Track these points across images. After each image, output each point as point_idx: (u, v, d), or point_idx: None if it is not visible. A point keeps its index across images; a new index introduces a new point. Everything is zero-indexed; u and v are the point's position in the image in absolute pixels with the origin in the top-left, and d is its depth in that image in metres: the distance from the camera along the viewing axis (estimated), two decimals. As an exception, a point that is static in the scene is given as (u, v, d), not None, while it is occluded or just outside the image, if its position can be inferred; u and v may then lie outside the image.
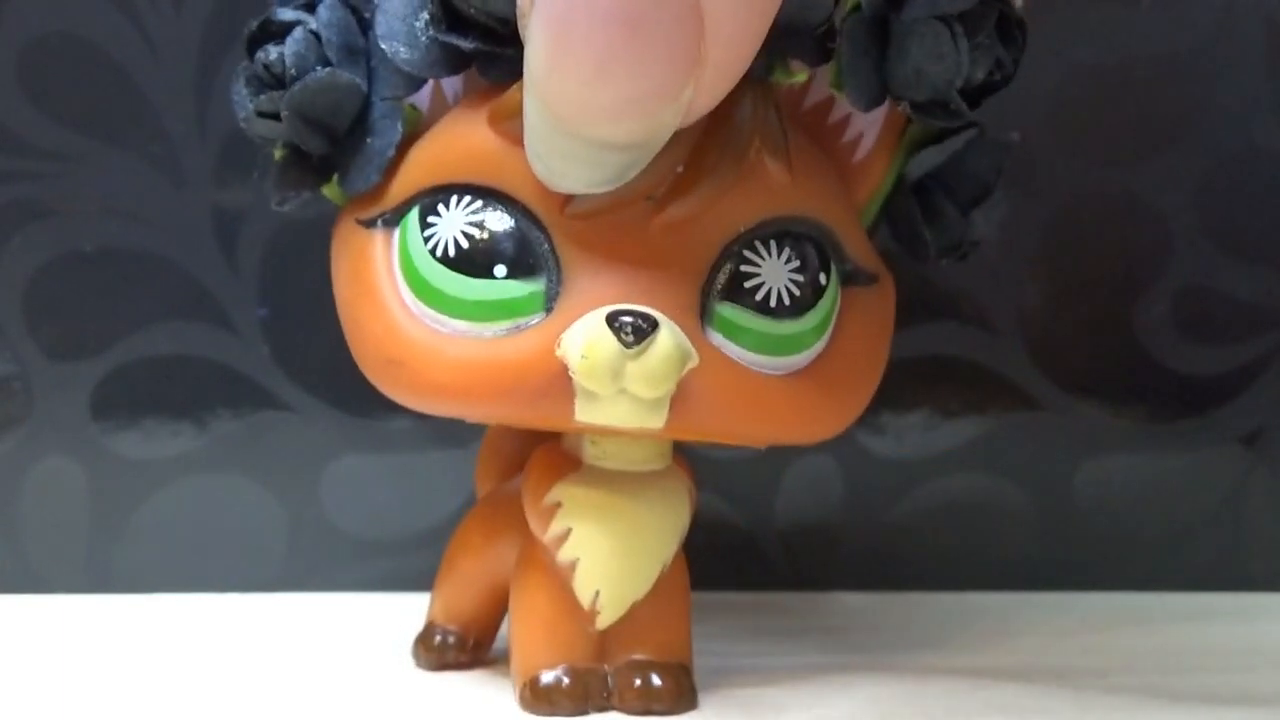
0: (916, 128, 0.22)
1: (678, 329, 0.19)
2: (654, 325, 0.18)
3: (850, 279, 0.21)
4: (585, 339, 0.18)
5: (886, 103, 0.20)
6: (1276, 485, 0.32)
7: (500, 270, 0.19)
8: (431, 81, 0.21)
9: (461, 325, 0.19)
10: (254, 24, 0.20)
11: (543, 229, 0.19)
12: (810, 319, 0.20)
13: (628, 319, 0.18)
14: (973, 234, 0.22)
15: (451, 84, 0.21)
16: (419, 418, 0.31)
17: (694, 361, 0.19)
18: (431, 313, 0.20)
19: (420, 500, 0.31)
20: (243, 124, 0.21)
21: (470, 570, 0.24)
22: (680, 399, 0.19)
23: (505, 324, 0.19)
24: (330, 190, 0.21)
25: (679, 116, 0.17)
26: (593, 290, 0.19)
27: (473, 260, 0.19)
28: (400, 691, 0.23)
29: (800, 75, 0.20)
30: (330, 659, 0.25)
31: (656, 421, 0.19)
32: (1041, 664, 0.25)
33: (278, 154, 0.21)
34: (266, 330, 0.30)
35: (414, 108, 0.21)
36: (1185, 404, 0.32)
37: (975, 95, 0.20)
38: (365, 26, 0.20)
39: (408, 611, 0.29)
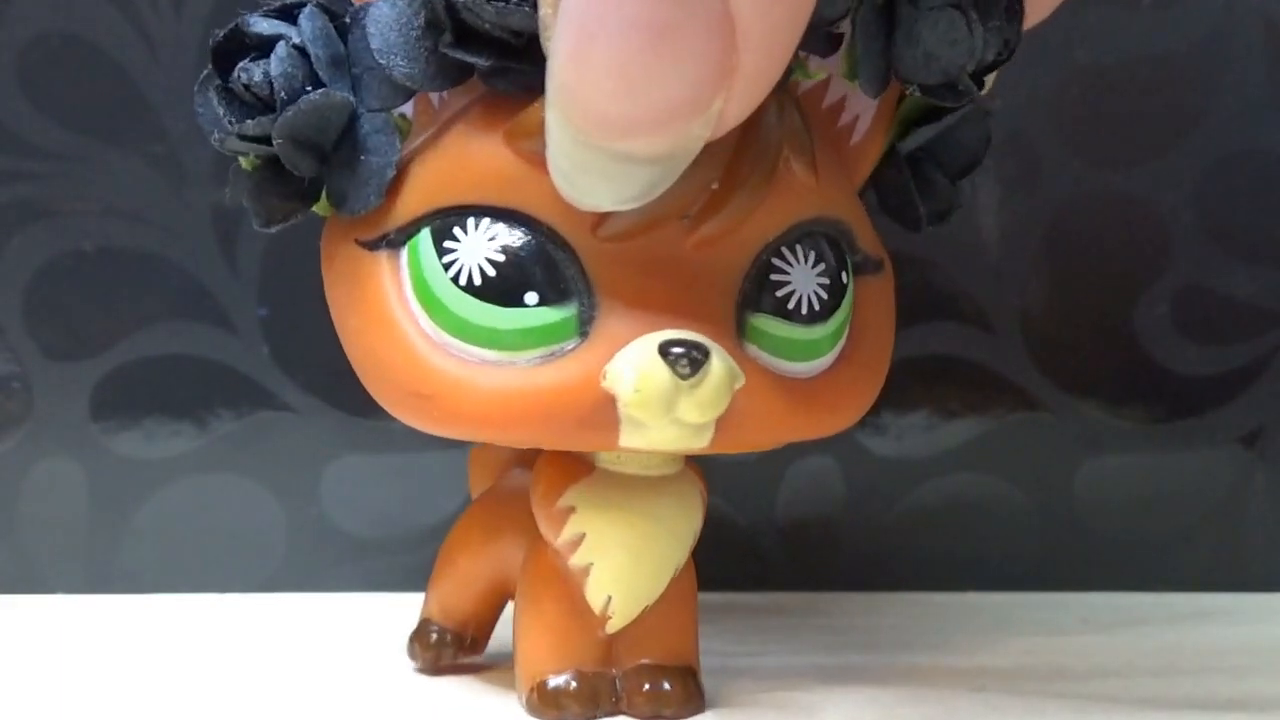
0: (911, 103, 0.21)
1: (724, 352, 0.18)
2: (706, 354, 0.18)
3: (860, 269, 0.21)
4: (638, 372, 0.18)
5: None
6: (1276, 485, 0.32)
7: (531, 298, 0.18)
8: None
9: (492, 355, 0.19)
10: (220, 34, 0.19)
11: (570, 252, 0.19)
12: (836, 320, 0.20)
13: (679, 349, 0.18)
14: (959, 201, 0.22)
15: (441, 94, 0.20)
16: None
17: (741, 382, 0.19)
18: (457, 343, 0.19)
19: (420, 500, 0.31)
20: (215, 142, 0.19)
21: (469, 568, 0.23)
22: (724, 418, 0.19)
23: (539, 352, 0.19)
24: (320, 205, 0.20)
25: (709, 128, 0.16)
26: (630, 314, 0.18)
27: (501, 288, 0.18)
28: (400, 692, 0.23)
29: (820, 74, 0.20)
30: (330, 659, 0.25)
31: (702, 443, 0.19)
32: (1041, 664, 0.25)
33: (247, 164, 0.20)
34: (266, 330, 0.30)
35: (403, 117, 0.20)
36: (1185, 404, 0.32)
37: (980, 74, 0.20)
38: (342, 31, 0.19)
39: (407, 611, 0.29)
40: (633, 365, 0.18)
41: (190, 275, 0.30)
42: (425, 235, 0.19)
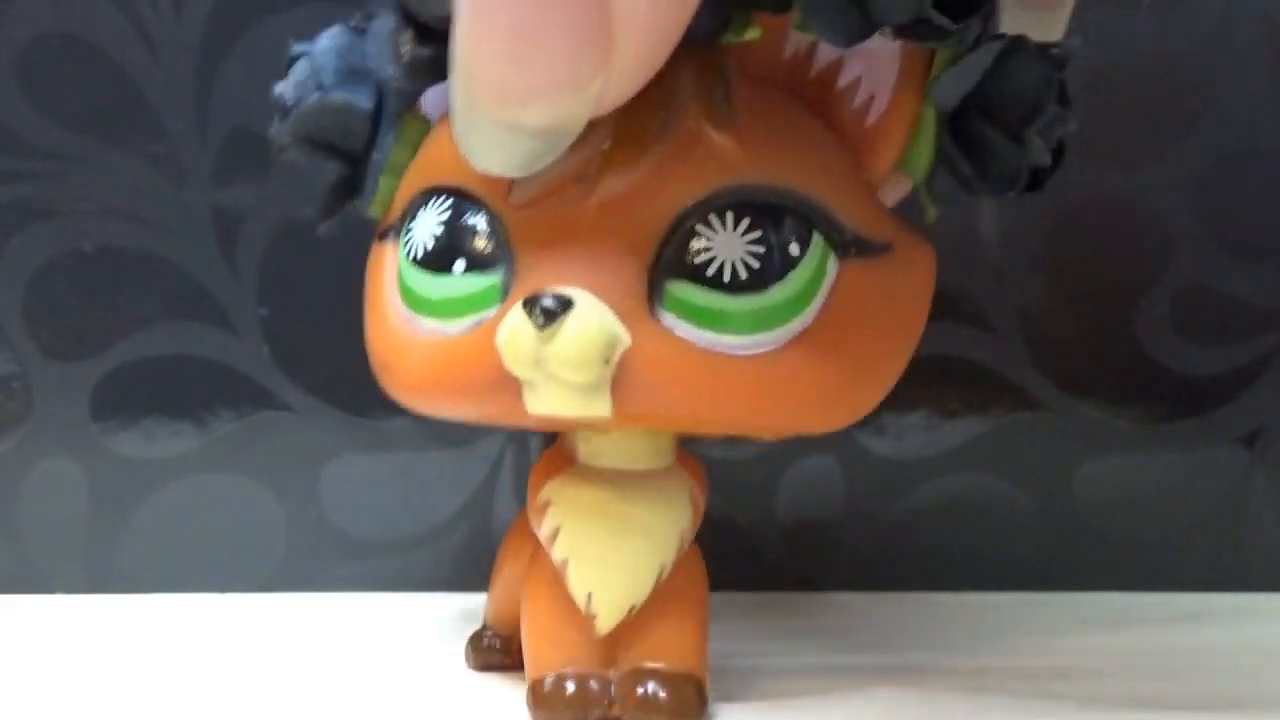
0: (939, 64, 0.20)
1: (604, 308, 0.18)
2: (565, 305, 0.18)
3: (850, 249, 0.19)
4: (508, 326, 0.18)
5: (897, 57, 0.19)
6: (1276, 485, 0.32)
7: (459, 266, 0.19)
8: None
9: (433, 324, 0.20)
10: (286, 60, 0.22)
11: (498, 221, 0.19)
12: (779, 293, 0.19)
13: (542, 301, 0.18)
14: (1034, 158, 0.20)
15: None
16: (418, 418, 0.31)
17: (624, 343, 0.18)
18: (410, 314, 0.20)
19: (420, 500, 0.31)
20: (281, 159, 0.22)
21: (511, 574, 0.23)
22: (625, 384, 0.18)
23: (468, 320, 0.19)
24: (364, 209, 0.22)
25: (589, 107, 0.17)
26: (536, 277, 0.19)
27: (438, 258, 0.20)
28: (400, 692, 0.23)
29: (751, 32, 0.19)
30: (329, 659, 0.25)
31: (601, 409, 0.18)
32: (1041, 664, 0.25)
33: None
34: (266, 330, 0.30)
35: (423, 119, 0.21)
36: (1185, 404, 0.32)
37: (959, 7, 0.18)
38: None
39: (407, 611, 0.29)
40: (506, 322, 0.18)
41: (190, 275, 0.30)
42: (407, 220, 0.20)
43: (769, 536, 0.32)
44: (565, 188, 0.19)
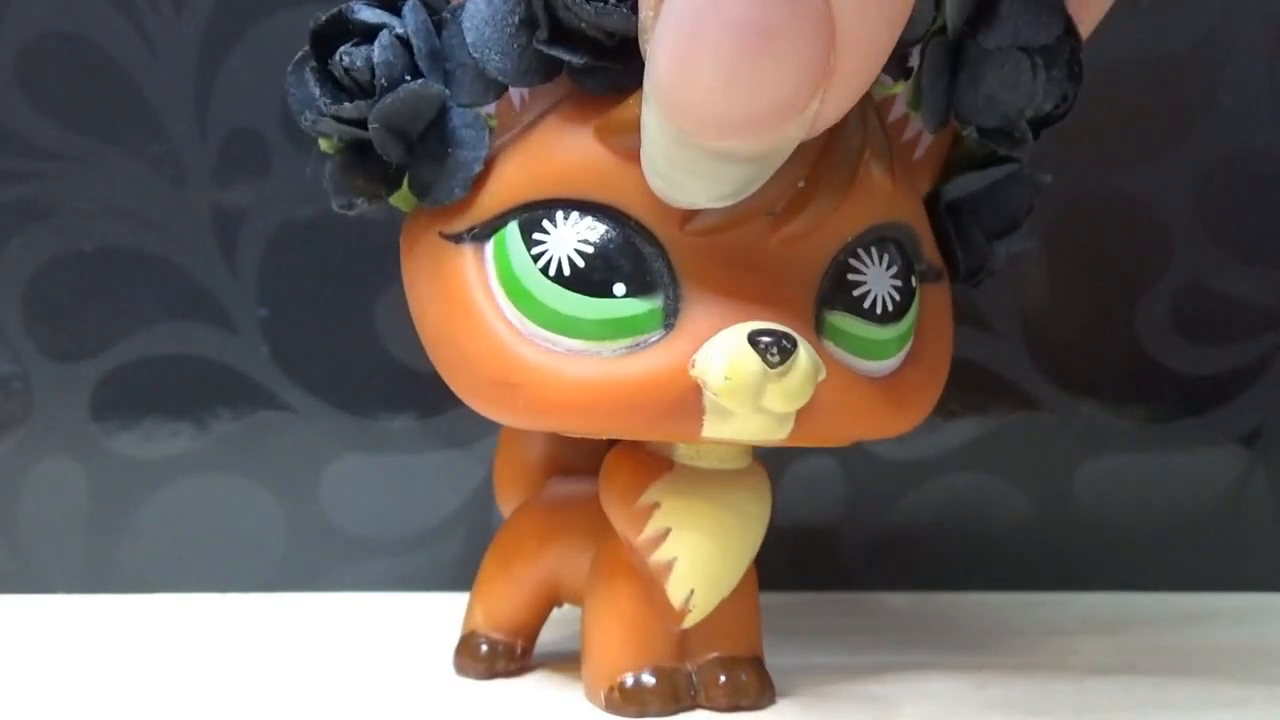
0: (965, 150, 0.22)
1: (809, 344, 0.19)
2: (795, 344, 0.18)
3: (924, 277, 0.21)
4: (728, 360, 0.18)
5: None
6: (1276, 485, 0.32)
7: (619, 289, 0.19)
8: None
9: (578, 345, 0.19)
10: (323, 18, 0.19)
11: (658, 245, 0.19)
12: (906, 321, 0.20)
13: (769, 339, 0.18)
14: (994, 263, 0.22)
15: (518, 91, 0.20)
16: (419, 418, 0.31)
17: (824, 374, 0.19)
18: (544, 333, 0.19)
19: (420, 500, 0.31)
20: (306, 121, 0.20)
21: (523, 575, 0.23)
22: (804, 410, 0.19)
23: (625, 342, 0.19)
24: (398, 198, 0.21)
25: (804, 129, 0.17)
26: (716, 306, 0.19)
27: (589, 279, 0.19)
28: (400, 692, 0.23)
29: (898, 87, 0.20)
30: (329, 659, 0.25)
31: (782, 433, 0.19)
32: (1041, 664, 0.25)
33: (327, 146, 0.20)
34: (266, 330, 0.30)
35: (489, 115, 0.20)
36: (1185, 404, 0.32)
37: (1037, 126, 0.20)
38: (439, 27, 0.20)
39: (407, 611, 0.29)
40: (723, 353, 0.18)
41: (190, 275, 0.30)
42: (513, 228, 0.19)
43: (769, 536, 0.32)
44: (752, 220, 0.19)
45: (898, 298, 0.20)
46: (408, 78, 0.19)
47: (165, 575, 0.31)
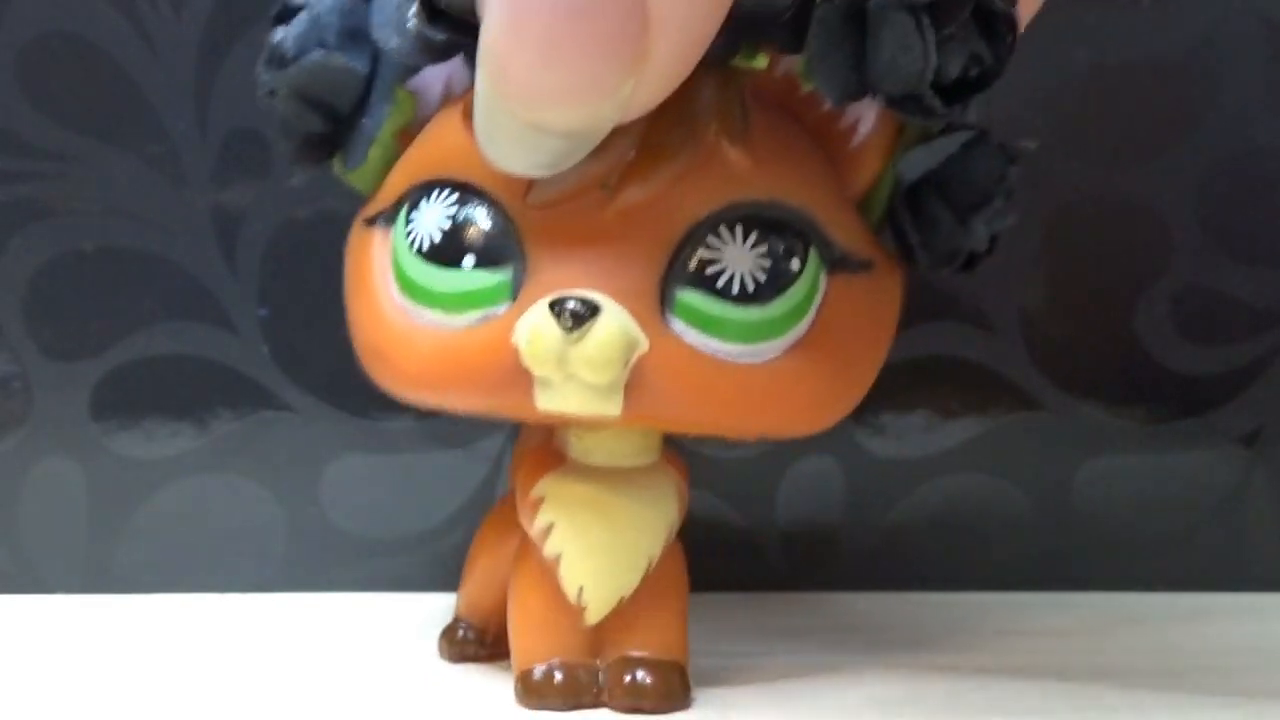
0: (913, 128, 0.21)
1: (625, 314, 0.19)
2: (594, 310, 0.19)
3: (838, 265, 0.21)
4: (529, 325, 0.19)
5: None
6: (1276, 485, 0.32)
7: (469, 261, 0.20)
8: (444, 75, 0.21)
9: (435, 316, 0.20)
10: (276, 7, 0.21)
11: (509, 219, 0.20)
12: (780, 305, 0.20)
13: (570, 304, 0.19)
14: (973, 243, 0.22)
15: (461, 80, 0.21)
16: (419, 418, 0.31)
17: (642, 348, 0.19)
18: (410, 304, 0.20)
19: (420, 500, 0.31)
20: (260, 103, 0.22)
21: (487, 566, 0.24)
22: (636, 386, 0.19)
23: (475, 314, 0.20)
24: (342, 172, 0.22)
25: (618, 111, 0.17)
26: (551, 278, 0.19)
27: (445, 252, 0.20)
28: (399, 691, 0.23)
29: (759, 60, 0.20)
30: (329, 659, 0.25)
31: (613, 409, 0.19)
32: (1041, 664, 0.25)
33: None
34: (266, 330, 0.30)
35: (409, 93, 0.21)
36: (1185, 404, 0.32)
37: (953, 92, 0.19)
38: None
39: (407, 611, 0.29)
40: (526, 321, 0.19)
41: (190, 275, 0.30)
42: (404, 210, 0.21)
43: (769, 536, 0.32)
44: (586, 193, 0.19)
45: (763, 279, 0.20)
46: (317, 51, 0.21)
47: (165, 575, 0.31)
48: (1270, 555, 0.32)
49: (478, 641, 0.24)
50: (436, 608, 0.29)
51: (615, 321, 0.19)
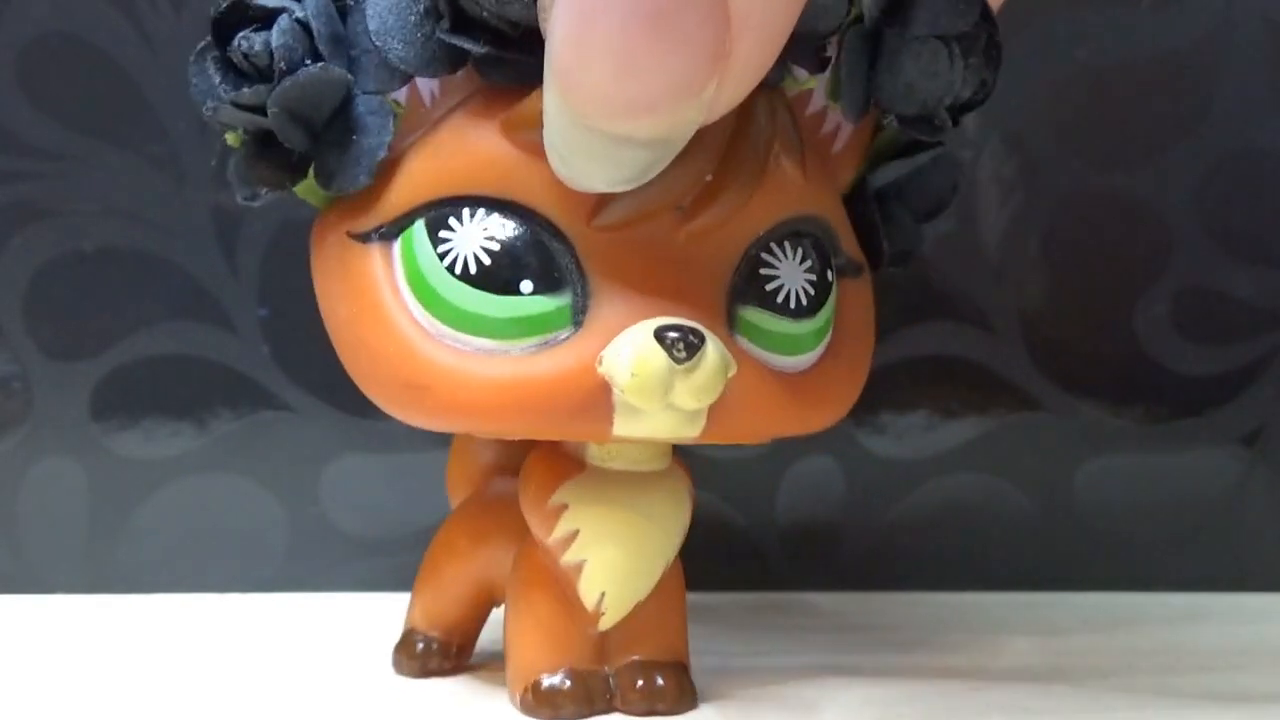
0: (887, 137, 0.22)
1: (718, 339, 0.19)
2: (702, 339, 0.18)
3: (842, 271, 0.21)
4: (634, 356, 0.18)
5: None
6: (1276, 485, 0.32)
7: (526, 286, 0.19)
8: (428, 83, 0.20)
9: (487, 344, 0.19)
10: (223, 5, 0.19)
11: (565, 241, 0.19)
12: (822, 316, 0.20)
13: (675, 334, 0.18)
14: (918, 245, 0.23)
15: (427, 82, 0.20)
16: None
17: (734, 370, 0.19)
18: (452, 332, 0.19)
19: (420, 500, 0.31)
20: (207, 111, 0.19)
21: (455, 574, 0.23)
22: (716, 406, 0.19)
23: (533, 340, 0.19)
24: (304, 189, 0.20)
25: (702, 113, 0.17)
26: (625, 303, 0.19)
27: (496, 276, 0.19)
28: (399, 692, 0.23)
29: (811, 83, 0.20)
30: (329, 659, 0.25)
31: (694, 431, 0.19)
32: (1041, 664, 0.25)
33: (233, 140, 0.20)
34: (266, 330, 0.30)
35: (398, 104, 0.19)
36: (1185, 404, 0.32)
37: (957, 112, 0.20)
38: (343, 13, 0.19)
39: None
40: (629, 350, 0.18)
41: (190, 275, 0.30)
42: (419, 226, 0.19)
43: (769, 536, 0.32)
44: (661, 214, 0.19)
45: (812, 292, 0.20)
46: (308, 62, 0.19)
47: (165, 575, 0.31)
48: (1270, 555, 0.32)
49: (441, 654, 0.23)
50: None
51: (717, 348, 0.18)
